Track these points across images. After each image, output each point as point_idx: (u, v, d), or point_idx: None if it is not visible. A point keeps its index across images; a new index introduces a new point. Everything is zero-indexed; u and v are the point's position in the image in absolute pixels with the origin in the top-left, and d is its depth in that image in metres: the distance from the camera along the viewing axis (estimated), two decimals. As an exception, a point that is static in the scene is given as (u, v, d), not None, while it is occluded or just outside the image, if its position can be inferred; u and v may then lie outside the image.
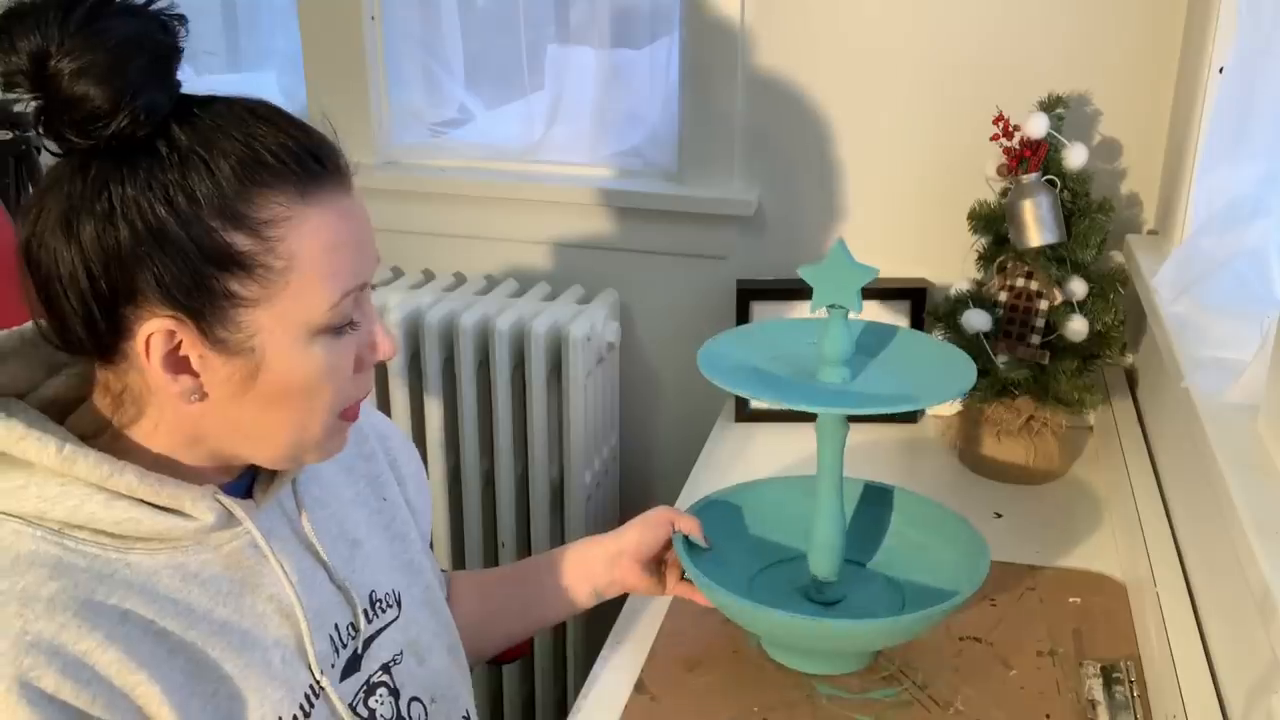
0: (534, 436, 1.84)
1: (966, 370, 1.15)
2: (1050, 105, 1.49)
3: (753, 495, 1.31)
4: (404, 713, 1.00)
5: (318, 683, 0.91)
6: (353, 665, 0.95)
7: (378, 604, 1.00)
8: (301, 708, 0.89)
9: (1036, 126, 1.47)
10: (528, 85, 1.94)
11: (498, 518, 1.92)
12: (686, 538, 1.20)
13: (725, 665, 1.20)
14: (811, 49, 1.70)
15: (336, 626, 0.94)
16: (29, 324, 0.87)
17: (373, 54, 1.91)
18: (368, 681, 0.97)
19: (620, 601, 1.35)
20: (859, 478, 1.31)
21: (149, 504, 0.83)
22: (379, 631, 0.99)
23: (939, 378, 1.14)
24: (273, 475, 0.93)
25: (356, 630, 0.96)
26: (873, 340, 1.23)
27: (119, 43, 0.75)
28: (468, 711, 1.08)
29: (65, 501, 0.80)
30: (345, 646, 0.95)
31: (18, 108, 1.85)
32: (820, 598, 1.22)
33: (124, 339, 0.80)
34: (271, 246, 0.79)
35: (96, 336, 0.80)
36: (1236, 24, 1.30)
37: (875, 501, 1.31)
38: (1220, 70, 1.34)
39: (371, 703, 0.96)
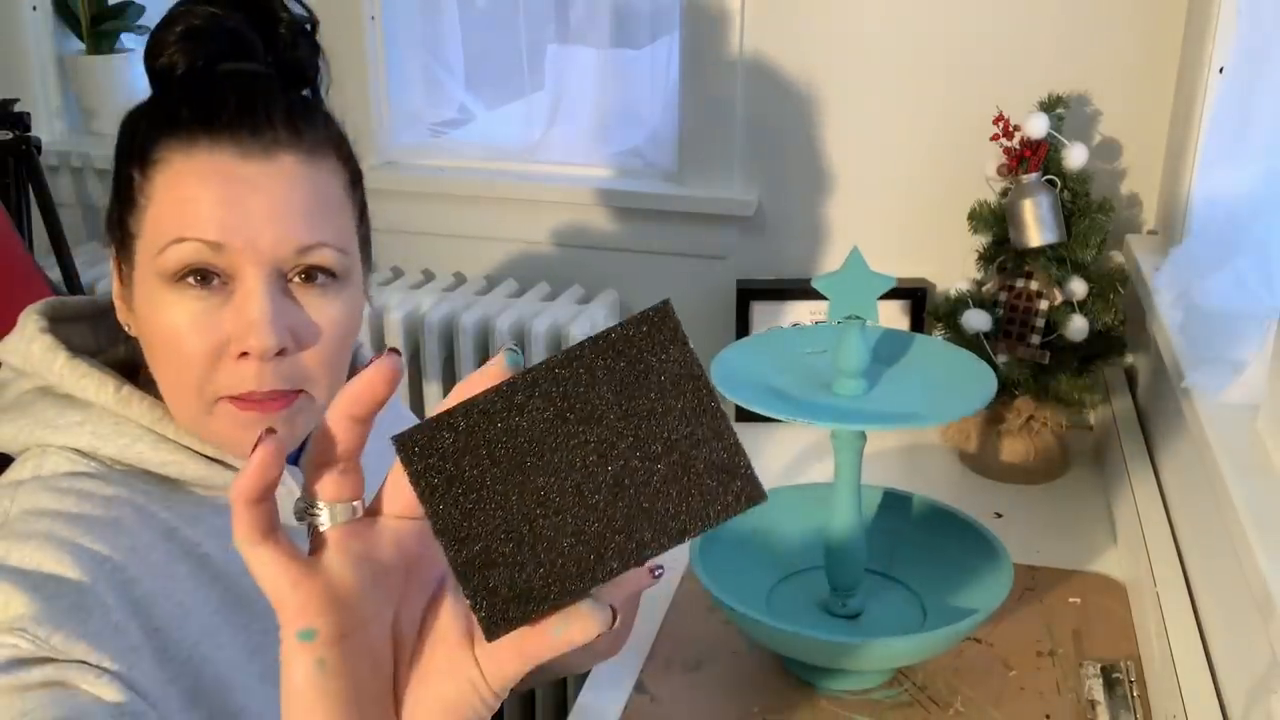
0: (534, 436, 1.84)
1: (986, 381, 1.12)
2: (1050, 105, 1.49)
3: (765, 505, 1.29)
4: None
5: None
6: None
7: None
8: None
9: (1036, 126, 1.47)
10: (528, 85, 1.94)
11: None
12: (701, 554, 1.16)
13: (725, 666, 1.20)
14: (811, 49, 1.70)
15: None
16: (107, 292, 0.90)
17: (373, 54, 1.91)
18: None
19: (620, 601, 1.35)
20: (872, 484, 1.29)
21: (195, 451, 0.85)
22: None
23: (958, 389, 1.12)
24: None
25: None
26: (889, 348, 1.20)
27: (197, 21, 0.82)
28: None
29: (117, 440, 0.83)
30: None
31: (18, 107, 1.85)
32: (842, 611, 1.20)
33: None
34: (143, 186, 0.81)
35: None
36: (1236, 24, 1.30)
37: (893, 508, 1.29)
38: (1220, 70, 1.34)
39: None
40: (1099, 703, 1.14)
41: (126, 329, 0.86)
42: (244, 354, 0.80)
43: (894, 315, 1.72)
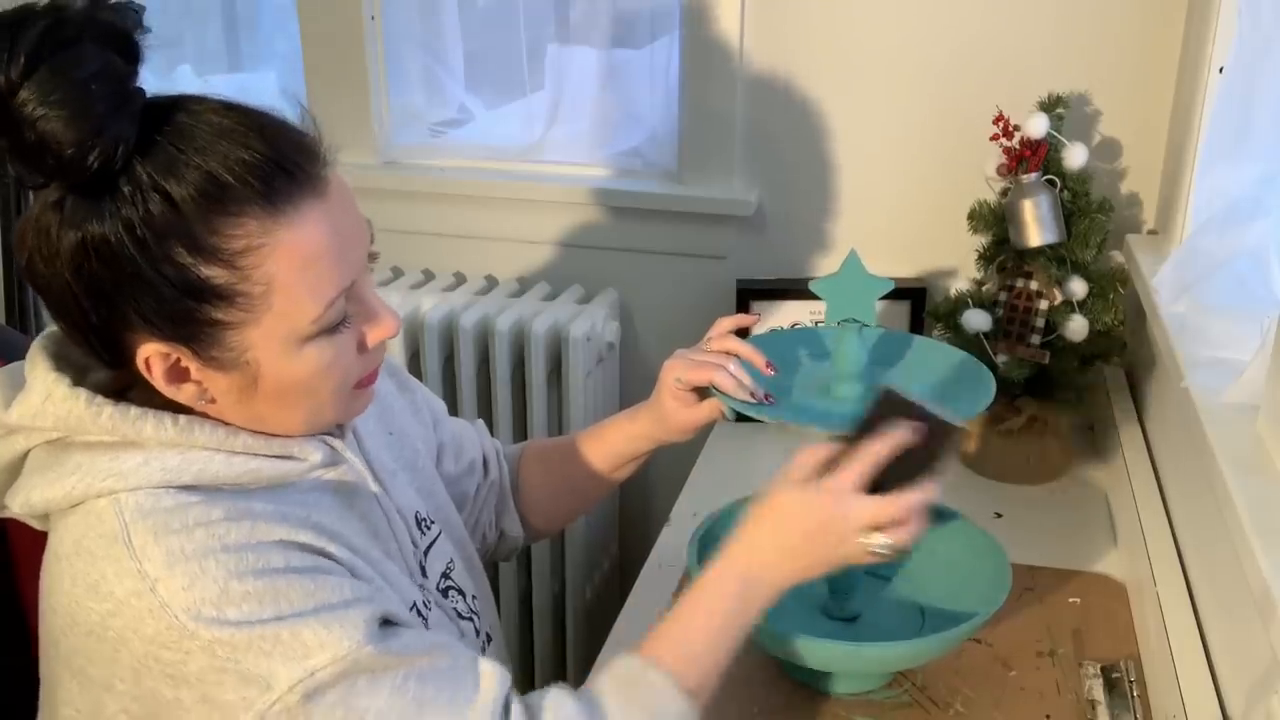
0: (534, 436, 1.84)
1: (985, 383, 1.11)
2: (1050, 105, 1.49)
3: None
4: (473, 608, 1.07)
5: (421, 586, 1.00)
6: (420, 577, 1.02)
7: (422, 523, 1.05)
8: (424, 602, 0.97)
9: (1036, 126, 1.46)
10: (528, 85, 1.94)
11: (498, 518, 1.92)
12: (699, 557, 1.17)
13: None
14: (811, 49, 1.70)
15: (403, 547, 1.00)
16: (48, 331, 0.90)
17: (373, 54, 1.91)
18: (437, 587, 1.04)
19: (620, 601, 1.35)
20: None
21: (264, 455, 0.87)
22: (430, 545, 1.05)
23: (958, 391, 1.11)
24: None
25: (416, 546, 1.02)
26: (888, 349, 1.19)
27: (81, 82, 0.75)
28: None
29: (190, 468, 0.83)
30: (410, 562, 1.01)
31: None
32: (839, 614, 1.19)
33: (128, 357, 0.82)
34: (247, 274, 0.79)
35: (101, 355, 0.83)
36: (1236, 24, 1.30)
37: None
38: (1220, 70, 1.34)
39: (449, 602, 1.04)
40: (1099, 703, 1.14)
41: (199, 403, 0.85)
42: (363, 347, 0.89)
43: (894, 315, 1.72)
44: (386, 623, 0.85)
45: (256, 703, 0.78)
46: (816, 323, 1.71)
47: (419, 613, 0.96)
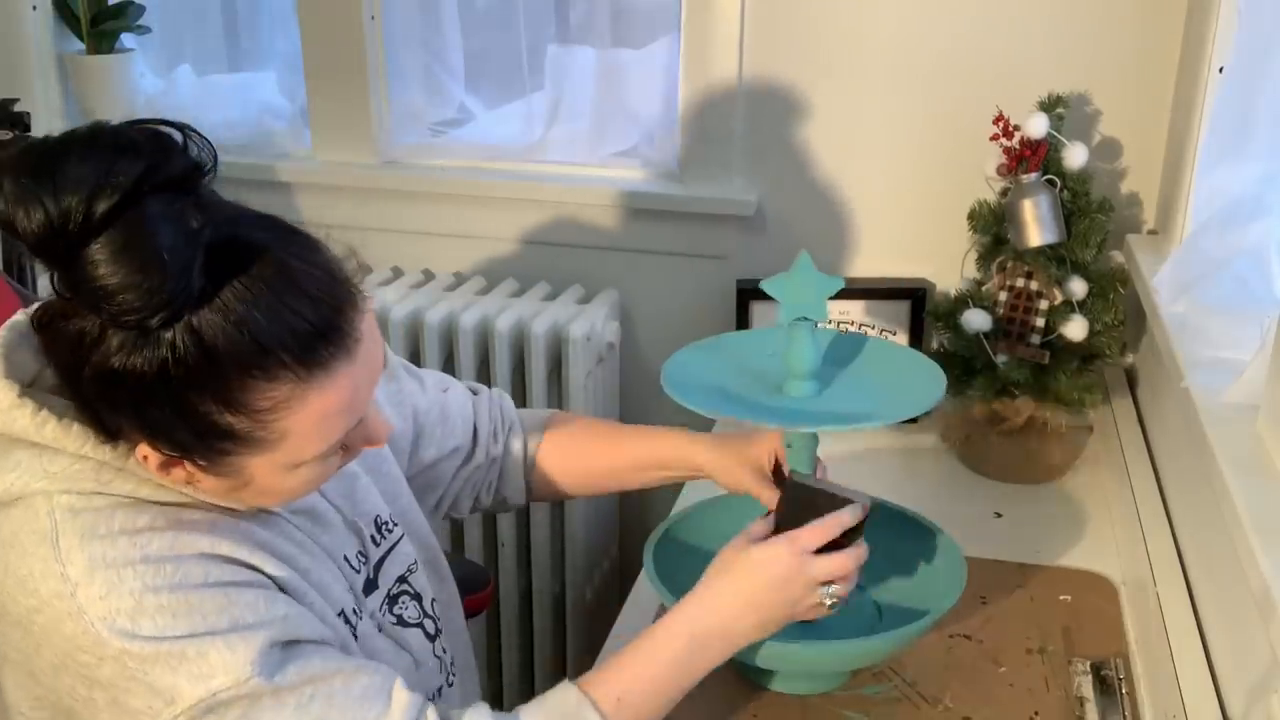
0: (534, 436, 1.84)
1: (936, 383, 1.12)
2: (1050, 105, 1.49)
3: (719, 510, 1.28)
4: (430, 611, 1.07)
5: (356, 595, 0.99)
6: (370, 587, 1.02)
7: (383, 526, 1.05)
8: (354, 610, 0.97)
9: (1036, 126, 1.46)
10: (528, 85, 1.94)
11: (496, 518, 1.92)
12: (655, 561, 1.17)
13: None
14: (811, 49, 1.70)
15: (345, 558, 1.00)
16: (19, 316, 0.89)
17: (373, 54, 1.91)
18: (387, 594, 1.03)
19: (620, 602, 1.35)
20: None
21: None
22: (390, 550, 1.05)
23: (908, 390, 1.11)
24: None
25: (366, 557, 1.02)
26: (843, 351, 1.19)
27: (156, 252, 0.73)
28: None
29: (122, 485, 0.85)
30: (359, 573, 1.01)
31: (18, 107, 1.85)
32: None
33: (125, 440, 0.84)
34: (267, 425, 0.81)
35: (95, 431, 0.85)
36: (1236, 24, 1.30)
37: None
38: (1220, 70, 1.34)
39: (396, 610, 1.04)
40: (1088, 699, 1.14)
41: (185, 485, 0.86)
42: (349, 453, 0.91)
43: (894, 315, 1.72)
44: (297, 644, 0.86)
45: (162, 713, 0.81)
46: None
47: (346, 619, 0.95)
